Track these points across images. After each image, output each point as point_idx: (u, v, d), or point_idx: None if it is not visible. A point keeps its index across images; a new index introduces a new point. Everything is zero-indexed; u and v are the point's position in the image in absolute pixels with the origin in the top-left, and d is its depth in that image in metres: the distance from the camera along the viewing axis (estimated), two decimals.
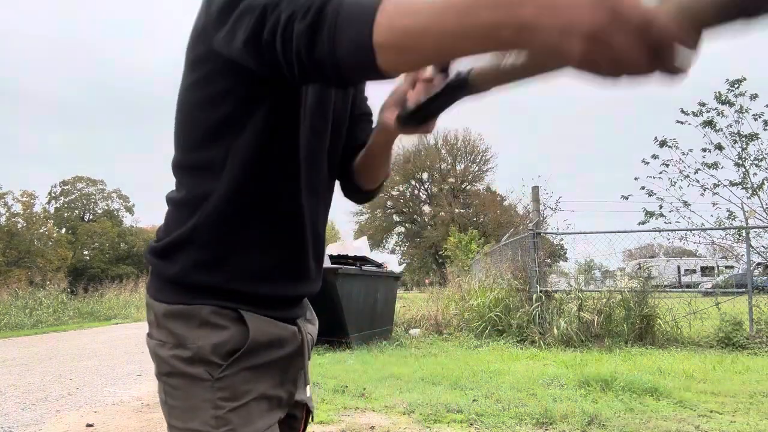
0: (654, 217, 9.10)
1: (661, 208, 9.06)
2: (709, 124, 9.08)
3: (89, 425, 3.80)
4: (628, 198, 9.41)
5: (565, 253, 13.04)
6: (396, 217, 48.53)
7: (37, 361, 6.98)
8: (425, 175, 47.78)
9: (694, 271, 22.37)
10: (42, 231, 33.08)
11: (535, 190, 8.85)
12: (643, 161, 9.33)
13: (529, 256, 8.18)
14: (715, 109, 9.11)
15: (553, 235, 9.77)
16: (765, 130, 8.89)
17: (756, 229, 8.40)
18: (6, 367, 6.55)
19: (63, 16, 76.48)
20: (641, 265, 10.36)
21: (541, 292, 7.85)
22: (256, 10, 0.73)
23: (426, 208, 47.75)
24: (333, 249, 8.02)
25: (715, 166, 8.96)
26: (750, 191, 8.67)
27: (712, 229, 8.77)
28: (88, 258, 41.50)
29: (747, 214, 8.52)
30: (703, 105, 9.18)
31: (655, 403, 3.98)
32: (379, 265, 8.03)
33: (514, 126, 73.62)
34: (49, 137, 71.61)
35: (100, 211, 46.60)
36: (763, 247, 8.65)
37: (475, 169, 46.66)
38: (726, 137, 9.02)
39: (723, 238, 8.86)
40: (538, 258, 8.09)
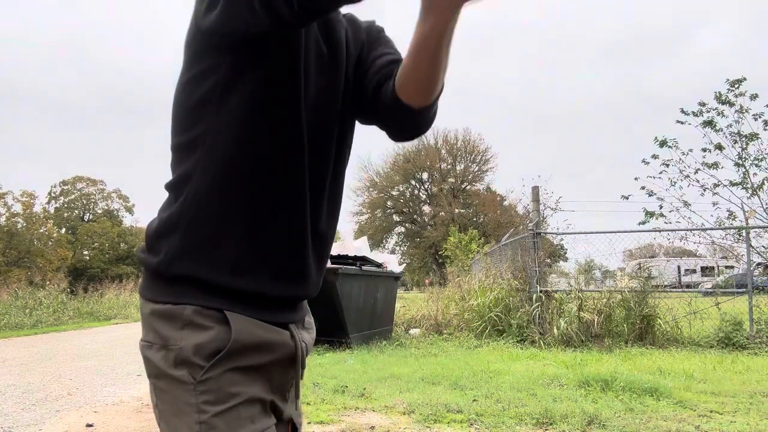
0: (654, 217, 9.08)
1: (661, 208, 9.05)
2: (709, 124, 9.08)
3: (89, 425, 3.80)
4: (628, 198, 9.40)
5: (565, 253, 13.04)
6: (396, 217, 48.50)
7: (37, 361, 6.97)
8: (425, 175, 47.77)
9: (694, 271, 22.38)
10: (42, 231, 33.01)
11: (535, 190, 8.85)
12: (643, 161, 9.32)
13: (529, 256, 8.17)
14: (715, 109, 9.11)
15: (553, 235, 9.77)
16: (765, 130, 8.88)
17: (756, 229, 8.40)
18: (6, 367, 6.55)
19: (63, 15, 76.52)
20: (641, 265, 10.37)
21: (541, 292, 7.84)
22: None
23: (426, 208, 47.73)
24: (333, 249, 7.98)
25: (715, 166, 8.96)
26: (750, 191, 8.66)
27: (712, 229, 8.76)
28: (87, 258, 41.48)
29: (747, 214, 8.52)
30: (703, 105, 9.17)
31: (655, 403, 3.98)
32: (379, 265, 8.03)
33: (514, 126, 73.65)
34: (49, 137, 71.60)
35: (100, 211, 46.59)
36: (763, 247, 8.65)
37: (475, 169, 46.65)
38: (726, 137, 9.01)
39: (723, 238, 8.86)
40: (538, 258, 8.09)
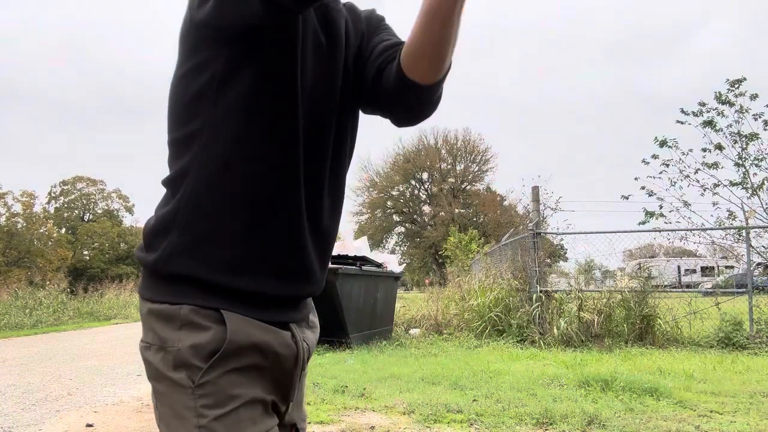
0: (654, 217, 9.07)
1: (661, 208, 9.04)
2: (709, 124, 9.07)
3: (89, 425, 3.80)
4: (628, 198, 9.39)
5: (565, 253, 13.05)
6: (396, 217, 48.49)
7: (37, 361, 6.97)
8: (425, 175, 47.75)
9: (695, 271, 22.40)
10: (42, 231, 32.99)
11: (535, 190, 8.85)
12: (643, 161, 9.32)
13: (529, 256, 8.17)
14: (715, 109, 9.11)
15: (553, 235, 9.77)
16: (765, 130, 8.88)
17: (756, 229, 8.40)
18: (6, 367, 6.55)
19: (63, 15, 76.50)
20: (641, 265, 10.37)
21: (541, 292, 7.84)
22: None
23: (426, 208, 47.73)
24: (333, 249, 8.01)
25: (715, 166, 8.95)
26: (750, 191, 8.66)
27: (712, 229, 8.76)
28: (87, 258, 41.46)
29: (747, 214, 8.51)
30: (703, 105, 9.17)
31: (655, 403, 3.97)
32: (379, 265, 8.03)
33: (514, 126, 73.63)
34: (49, 137, 71.59)
35: (100, 211, 46.57)
36: (763, 247, 8.65)
37: (475, 169, 46.65)
38: (726, 137, 9.01)
39: (723, 238, 8.87)
40: (538, 258, 8.09)
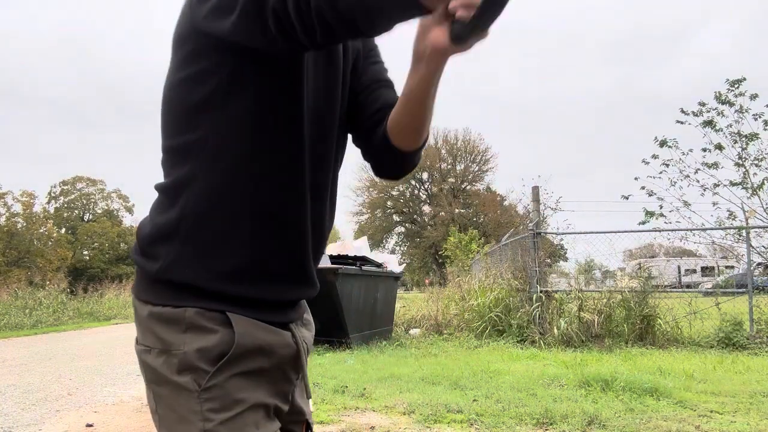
0: (654, 217, 9.06)
1: (661, 208, 9.03)
2: (709, 124, 9.06)
3: (89, 425, 3.80)
4: (628, 198, 9.38)
5: (565, 253, 13.06)
6: (396, 217, 48.52)
7: (37, 361, 6.97)
8: (425, 175, 47.77)
9: (695, 271, 22.42)
10: (42, 231, 33.00)
11: (535, 190, 8.84)
12: (643, 161, 9.31)
13: (529, 256, 8.17)
14: (715, 109, 9.09)
15: (553, 235, 9.77)
16: (765, 130, 8.86)
17: (756, 229, 8.39)
18: (6, 367, 6.55)
19: (63, 15, 76.50)
20: (641, 265, 10.36)
21: (541, 292, 7.84)
22: None
23: (426, 208, 47.75)
24: (333, 249, 8.01)
25: (715, 166, 8.94)
26: (750, 191, 8.65)
27: (712, 229, 8.76)
28: (87, 258, 41.47)
29: (747, 214, 8.50)
30: (703, 105, 9.16)
31: (655, 403, 3.97)
32: (379, 265, 8.03)
33: (515, 126, 73.64)
34: (49, 137, 71.62)
35: (99, 211, 46.58)
36: (764, 247, 8.65)
37: (475, 169, 46.68)
38: (726, 137, 9.00)
39: (723, 238, 8.86)
40: (538, 258, 8.09)
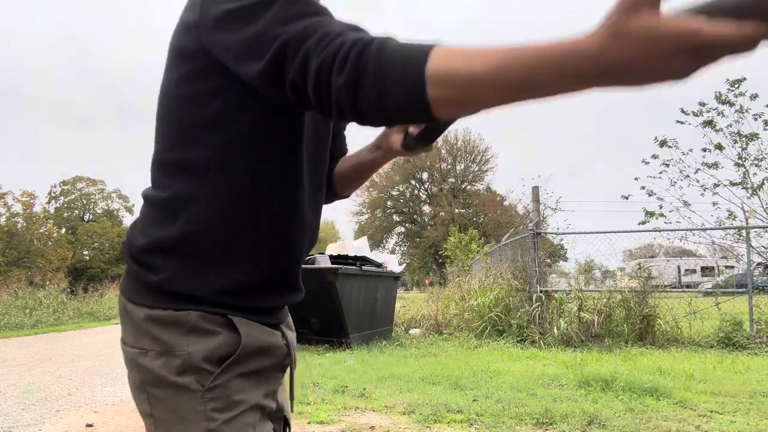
0: (654, 217, 9.06)
1: (661, 208, 9.03)
2: (709, 124, 9.07)
3: (89, 425, 3.80)
4: (628, 198, 9.39)
5: (565, 253, 13.07)
6: (396, 217, 48.52)
7: (37, 361, 6.97)
8: (425, 175, 47.79)
9: (695, 271, 22.44)
10: (42, 231, 33.00)
11: (535, 190, 8.84)
12: (643, 161, 9.31)
13: (529, 256, 8.17)
14: (715, 109, 9.09)
15: (553, 235, 9.77)
16: (765, 130, 8.86)
17: (756, 229, 8.39)
18: (6, 367, 6.55)
19: (63, 15, 76.47)
20: (641, 265, 10.36)
21: (541, 292, 7.84)
22: (275, 41, 0.70)
23: (426, 208, 47.75)
24: (333, 249, 8.02)
25: (715, 166, 8.94)
26: (750, 191, 8.65)
27: (712, 229, 8.76)
28: (87, 258, 41.49)
29: (747, 214, 8.51)
30: (703, 105, 9.16)
31: (655, 403, 3.97)
32: (379, 265, 8.03)
33: (515, 126, 73.64)
34: (49, 137, 71.61)
35: (99, 211, 46.61)
36: (763, 247, 8.65)
37: (475, 169, 46.68)
38: (726, 137, 9.00)
39: (723, 238, 8.86)
40: (538, 258, 8.09)
